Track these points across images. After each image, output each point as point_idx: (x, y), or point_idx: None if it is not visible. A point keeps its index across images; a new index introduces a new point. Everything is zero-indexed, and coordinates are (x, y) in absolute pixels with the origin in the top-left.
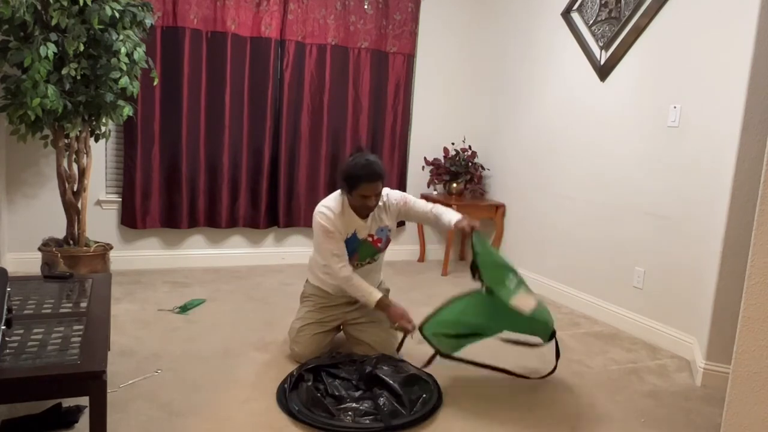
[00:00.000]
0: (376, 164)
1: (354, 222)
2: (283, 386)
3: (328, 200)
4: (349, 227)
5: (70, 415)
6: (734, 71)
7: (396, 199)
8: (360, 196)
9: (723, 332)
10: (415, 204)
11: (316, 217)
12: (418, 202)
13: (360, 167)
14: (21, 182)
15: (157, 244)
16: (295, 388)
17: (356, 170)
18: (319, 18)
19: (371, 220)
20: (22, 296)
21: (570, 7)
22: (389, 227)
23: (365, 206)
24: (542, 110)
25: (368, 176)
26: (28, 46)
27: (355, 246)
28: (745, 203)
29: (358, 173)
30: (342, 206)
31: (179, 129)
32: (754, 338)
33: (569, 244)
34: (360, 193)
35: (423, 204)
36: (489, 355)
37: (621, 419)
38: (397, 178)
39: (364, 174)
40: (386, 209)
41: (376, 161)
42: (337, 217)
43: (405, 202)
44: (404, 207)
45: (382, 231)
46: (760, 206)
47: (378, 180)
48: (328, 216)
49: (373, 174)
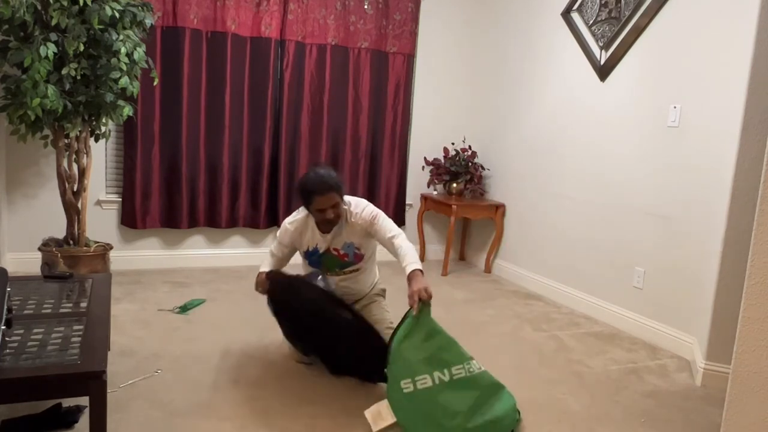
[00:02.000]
0: (327, 176)
1: (315, 237)
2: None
3: (296, 213)
4: (310, 242)
5: (70, 415)
6: (734, 71)
7: (363, 218)
8: (316, 211)
9: (723, 332)
10: (381, 226)
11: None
12: (385, 224)
13: (311, 181)
14: (21, 182)
15: (157, 244)
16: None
17: (308, 185)
18: (319, 18)
19: (332, 235)
20: (22, 296)
21: (570, 7)
22: (355, 244)
23: (324, 220)
24: (542, 110)
25: (320, 190)
26: (28, 46)
27: (316, 258)
28: (745, 203)
29: (310, 188)
30: (306, 221)
31: (179, 129)
32: (754, 338)
33: (569, 244)
34: (315, 207)
35: (388, 228)
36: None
37: (621, 419)
38: (397, 178)
39: (315, 188)
40: (350, 226)
41: (327, 173)
42: (296, 230)
43: (372, 222)
44: (371, 227)
45: (348, 247)
46: (760, 206)
47: (329, 191)
48: (286, 228)
49: (323, 186)
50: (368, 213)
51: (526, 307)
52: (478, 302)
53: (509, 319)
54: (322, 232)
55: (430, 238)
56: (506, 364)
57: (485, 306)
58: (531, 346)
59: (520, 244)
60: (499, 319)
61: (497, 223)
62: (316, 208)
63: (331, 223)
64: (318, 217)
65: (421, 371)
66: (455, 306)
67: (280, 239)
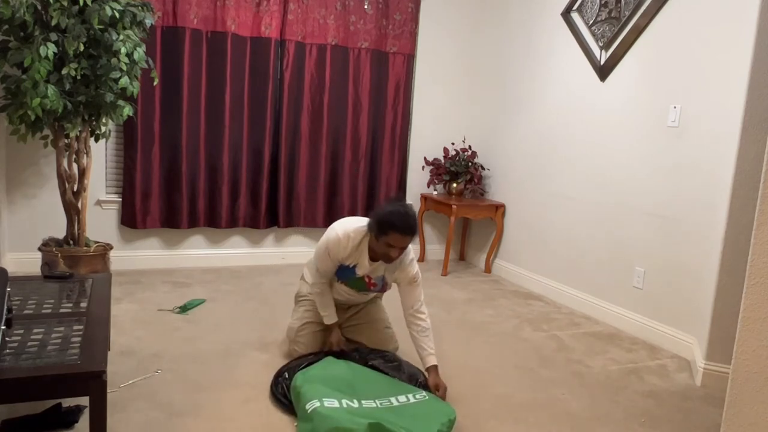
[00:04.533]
0: (413, 219)
1: (362, 258)
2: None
3: (354, 225)
4: (354, 259)
5: (70, 415)
6: (734, 71)
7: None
8: (386, 244)
9: (723, 332)
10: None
11: (331, 233)
12: (419, 290)
13: (398, 216)
14: (21, 182)
15: (157, 244)
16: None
17: (393, 218)
18: (319, 18)
19: (377, 266)
20: (22, 296)
21: (570, 7)
22: (387, 280)
23: (385, 255)
24: (542, 110)
25: (403, 228)
26: (28, 46)
27: (348, 275)
28: (745, 203)
29: (394, 222)
30: (361, 240)
31: (179, 129)
32: (754, 338)
33: (569, 244)
34: (387, 241)
35: (418, 295)
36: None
37: (621, 419)
38: (397, 178)
39: (399, 225)
40: (397, 267)
41: (414, 216)
42: (349, 246)
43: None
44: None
45: (380, 279)
46: (760, 206)
47: (410, 235)
48: (340, 240)
49: (408, 228)
50: (413, 270)
51: (526, 307)
52: (478, 302)
53: (509, 319)
54: (371, 259)
55: (430, 238)
56: (506, 364)
57: (485, 306)
58: (531, 346)
59: (520, 244)
60: (499, 319)
61: (497, 223)
62: (389, 242)
63: (391, 260)
64: (381, 249)
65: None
66: (455, 306)
67: (331, 253)
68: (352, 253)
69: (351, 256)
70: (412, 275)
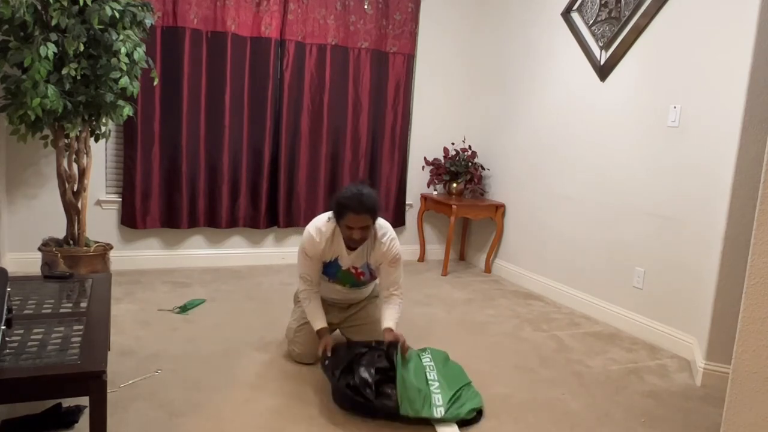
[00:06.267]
0: (366, 197)
1: (340, 250)
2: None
3: (321, 220)
4: (333, 253)
5: (70, 415)
6: (734, 71)
7: (388, 250)
8: (346, 227)
9: (723, 332)
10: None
11: (305, 235)
12: (399, 272)
13: (349, 197)
14: (21, 182)
15: (157, 244)
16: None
17: (345, 199)
18: (319, 18)
19: (357, 254)
20: (22, 296)
21: (570, 7)
22: (372, 265)
23: (350, 238)
24: (542, 110)
25: (355, 208)
26: (28, 46)
27: (335, 271)
28: (745, 203)
29: (346, 203)
30: (333, 231)
31: (179, 129)
32: (754, 338)
33: (569, 244)
34: (346, 223)
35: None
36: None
37: (621, 419)
38: (397, 178)
39: (351, 204)
40: (376, 250)
41: (368, 194)
42: (323, 240)
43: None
44: (387, 264)
45: (366, 266)
46: (760, 206)
47: (364, 213)
48: (312, 237)
49: (360, 205)
50: (394, 250)
51: (526, 307)
52: (478, 302)
53: (509, 319)
54: (349, 248)
55: (430, 238)
56: (506, 364)
57: (485, 306)
58: (531, 346)
59: (520, 244)
60: (499, 319)
61: (497, 223)
62: (347, 224)
63: (357, 243)
64: (345, 233)
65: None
66: (455, 306)
67: (309, 253)
68: (328, 247)
69: (329, 250)
70: (392, 255)
